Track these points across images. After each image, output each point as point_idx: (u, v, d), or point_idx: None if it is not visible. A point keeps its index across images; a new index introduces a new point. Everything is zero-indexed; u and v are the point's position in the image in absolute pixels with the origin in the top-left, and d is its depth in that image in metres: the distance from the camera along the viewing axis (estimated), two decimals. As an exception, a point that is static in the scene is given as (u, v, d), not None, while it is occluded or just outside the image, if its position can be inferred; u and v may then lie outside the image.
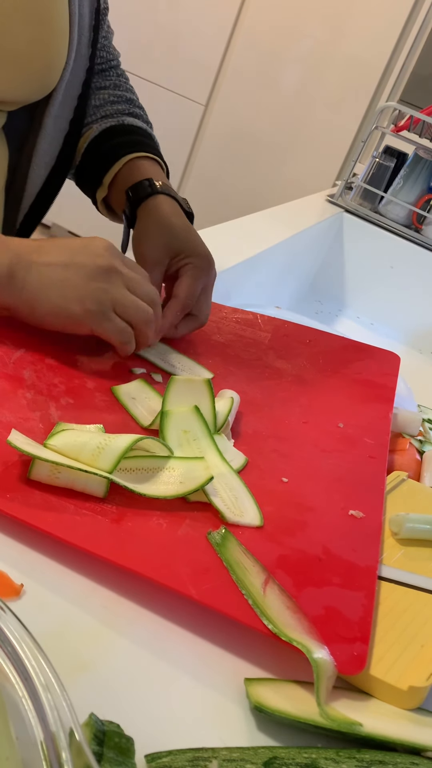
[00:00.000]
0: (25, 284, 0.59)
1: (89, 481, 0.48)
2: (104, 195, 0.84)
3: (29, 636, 0.31)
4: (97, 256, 0.60)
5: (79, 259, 0.60)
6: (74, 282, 0.59)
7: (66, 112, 0.81)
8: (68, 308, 0.59)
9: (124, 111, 0.88)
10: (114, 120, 0.86)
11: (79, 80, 0.81)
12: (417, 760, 0.37)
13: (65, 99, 0.79)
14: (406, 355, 1.33)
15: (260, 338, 0.81)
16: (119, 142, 0.84)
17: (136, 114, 0.89)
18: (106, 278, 0.60)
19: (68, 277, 0.59)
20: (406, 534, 0.54)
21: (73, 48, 0.76)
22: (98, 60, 0.87)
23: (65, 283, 0.59)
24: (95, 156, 0.85)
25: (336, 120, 2.59)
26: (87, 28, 0.79)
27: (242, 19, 2.62)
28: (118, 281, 0.61)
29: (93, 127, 0.86)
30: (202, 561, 0.46)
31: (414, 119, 1.50)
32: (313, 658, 0.40)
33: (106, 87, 0.89)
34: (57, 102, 0.78)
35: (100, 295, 0.60)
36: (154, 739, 0.36)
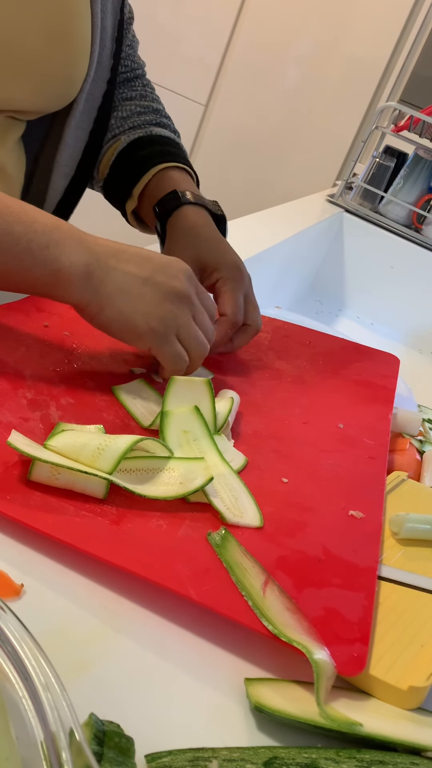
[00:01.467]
0: (100, 286, 0.58)
1: (89, 482, 0.48)
2: (134, 206, 0.85)
3: (29, 636, 0.31)
4: (175, 279, 0.60)
5: (157, 278, 0.60)
6: (147, 298, 0.59)
7: (86, 124, 0.81)
8: (135, 322, 0.59)
9: (152, 122, 0.88)
10: (142, 131, 0.87)
11: (101, 91, 0.81)
12: (417, 760, 0.37)
13: (86, 110, 0.80)
14: (406, 355, 1.34)
15: (260, 339, 0.81)
16: (148, 153, 0.84)
17: (163, 124, 0.90)
18: (177, 303, 0.60)
19: (143, 293, 0.59)
20: (406, 534, 0.54)
21: (95, 60, 0.77)
22: (123, 69, 0.88)
23: (139, 297, 0.59)
24: (124, 167, 0.85)
25: (336, 120, 2.59)
26: (109, 39, 0.80)
27: (242, 19, 2.62)
28: (187, 309, 0.61)
29: (121, 139, 0.86)
30: (202, 562, 0.46)
31: (414, 119, 1.50)
32: (313, 659, 0.40)
33: (133, 98, 0.89)
34: (78, 113, 0.78)
35: (168, 318, 0.60)
36: (154, 739, 0.36)
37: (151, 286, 0.59)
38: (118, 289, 0.58)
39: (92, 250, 0.58)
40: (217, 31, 2.65)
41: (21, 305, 0.69)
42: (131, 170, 0.84)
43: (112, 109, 0.86)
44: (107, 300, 0.58)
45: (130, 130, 0.87)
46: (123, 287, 0.58)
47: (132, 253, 0.60)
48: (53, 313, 0.70)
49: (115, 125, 0.87)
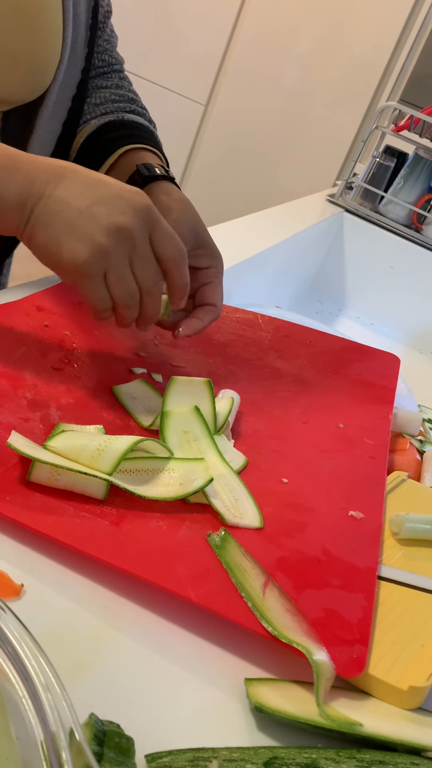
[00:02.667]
0: (32, 214, 0.55)
1: (89, 483, 0.48)
2: None
3: (29, 636, 0.31)
4: (119, 214, 0.55)
5: (97, 210, 0.54)
6: (80, 231, 0.54)
7: (59, 114, 0.79)
8: (60, 254, 0.54)
9: (125, 109, 0.86)
10: (113, 116, 0.84)
11: (75, 81, 0.79)
12: (417, 760, 0.37)
13: (59, 100, 0.78)
14: (406, 355, 1.34)
15: (260, 338, 0.81)
16: (118, 135, 0.81)
17: (138, 112, 0.87)
18: (114, 240, 0.54)
19: (76, 224, 0.54)
20: (406, 534, 0.54)
21: (68, 46, 0.75)
22: (99, 63, 0.86)
23: (69, 228, 0.54)
24: (91, 150, 0.82)
25: (336, 120, 2.59)
26: (83, 26, 0.77)
27: (242, 19, 2.62)
28: (123, 249, 0.55)
29: (91, 123, 0.83)
30: (202, 563, 0.46)
31: (414, 119, 1.50)
32: (313, 659, 0.40)
33: (107, 87, 0.87)
34: (51, 103, 0.76)
35: (97, 255, 0.54)
36: (155, 739, 0.36)
37: (87, 218, 0.54)
38: (50, 216, 0.54)
39: (28, 175, 0.55)
40: (217, 31, 2.65)
41: (21, 305, 0.69)
42: (99, 151, 0.81)
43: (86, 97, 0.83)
44: (39, 227, 0.55)
45: (101, 116, 0.84)
46: (55, 215, 0.54)
47: (77, 179, 0.56)
48: (53, 313, 0.70)
49: (87, 111, 0.84)
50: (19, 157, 0.55)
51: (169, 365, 0.70)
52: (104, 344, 0.69)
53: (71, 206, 0.54)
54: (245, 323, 0.83)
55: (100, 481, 0.48)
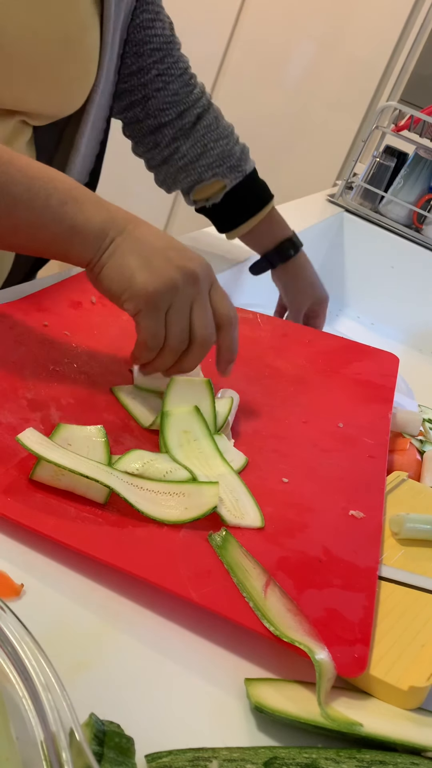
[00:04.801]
0: (113, 246, 0.57)
1: (90, 486, 0.48)
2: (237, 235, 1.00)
3: (29, 636, 0.31)
4: (190, 261, 0.58)
5: (171, 253, 0.58)
6: (155, 265, 0.57)
7: (97, 133, 0.86)
8: (134, 279, 0.56)
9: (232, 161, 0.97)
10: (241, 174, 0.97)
11: (108, 103, 0.87)
12: (417, 760, 0.37)
13: (96, 119, 0.84)
14: (406, 355, 1.34)
15: (260, 338, 0.81)
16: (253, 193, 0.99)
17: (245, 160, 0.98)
18: (183, 280, 0.57)
19: (153, 259, 0.57)
20: (406, 534, 0.54)
21: (103, 72, 0.81)
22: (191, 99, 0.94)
23: (146, 261, 0.57)
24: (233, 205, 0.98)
25: (336, 120, 2.59)
26: (117, 55, 0.84)
27: (242, 19, 2.62)
28: (190, 291, 0.58)
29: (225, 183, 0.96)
30: (203, 563, 0.46)
31: (414, 119, 1.50)
32: (315, 659, 0.40)
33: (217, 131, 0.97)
34: (89, 121, 0.82)
35: (167, 289, 0.56)
36: (155, 739, 0.36)
37: (162, 257, 0.57)
38: (128, 249, 0.57)
39: (111, 212, 0.58)
40: (217, 31, 2.65)
41: (21, 305, 0.69)
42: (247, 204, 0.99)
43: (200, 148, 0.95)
44: (114, 257, 0.57)
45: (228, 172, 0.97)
46: (134, 249, 0.57)
47: (152, 228, 0.60)
48: (53, 313, 0.70)
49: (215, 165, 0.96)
50: (102, 199, 0.59)
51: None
52: (104, 344, 0.69)
53: (148, 244, 0.58)
54: (245, 323, 0.83)
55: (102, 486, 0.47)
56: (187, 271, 0.57)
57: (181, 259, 0.58)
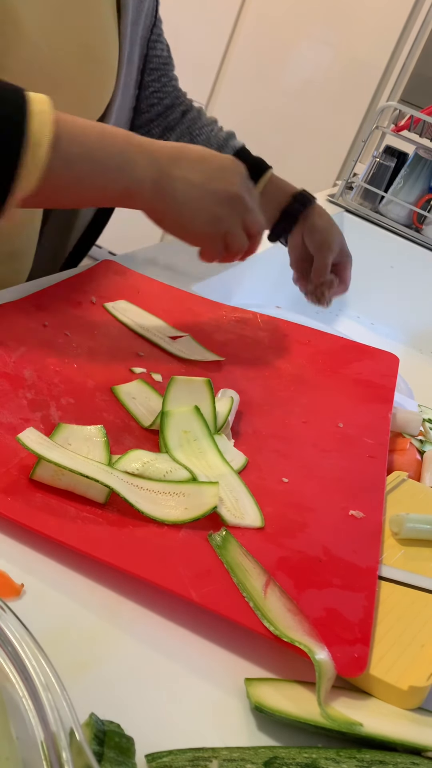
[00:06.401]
0: (165, 195, 0.65)
1: (91, 486, 0.48)
2: None
3: (29, 636, 0.31)
4: (230, 184, 0.68)
5: (214, 185, 0.67)
6: (204, 204, 0.67)
7: None
8: (194, 226, 0.68)
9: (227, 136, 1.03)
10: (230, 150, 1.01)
11: (127, 117, 0.89)
12: (417, 760, 0.37)
13: None
14: (406, 355, 1.34)
15: (260, 338, 0.81)
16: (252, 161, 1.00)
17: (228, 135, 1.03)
18: (230, 206, 0.68)
19: (201, 198, 0.67)
20: (406, 534, 0.54)
21: (120, 84, 0.83)
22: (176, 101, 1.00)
23: (197, 204, 0.67)
24: None
25: (336, 120, 2.59)
26: (136, 70, 0.87)
27: (242, 19, 2.62)
28: (237, 212, 0.69)
29: None
30: (203, 563, 0.46)
31: (414, 119, 1.50)
32: (315, 659, 0.40)
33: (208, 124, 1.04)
34: None
35: (222, 222, 0.69)
36: (155, 739, 0.36)
37: (208, 193, 0.67)
38: (180, 196, 0.66)
39: (158, 162, 0.65)
40: (217, 31, 2.65)
41: (21, 305, 0.69)
42: None
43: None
44: (171, 206, 0.66)
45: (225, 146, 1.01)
46: (185, 194, 0.66)
47: (192, 158, 0.67)
48: (53, 313, 0.70)
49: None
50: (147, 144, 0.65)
51: (169, 365, 0.70)
52: (104, 344, 0.69)
53: (195, 185, 0.66)
54: (245, 323, 0.83)
55: (103, 485, 0.48)
56: (232, 197, 0.68)
57: (224, 186, 0.68)
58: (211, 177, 0.67)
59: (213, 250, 0.71)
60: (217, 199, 0.67)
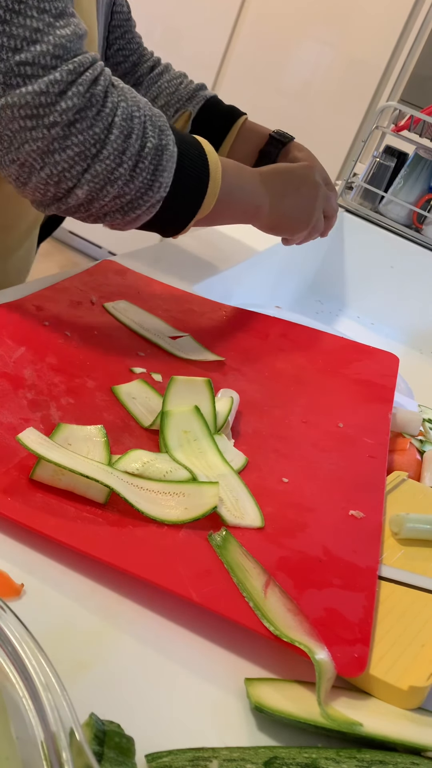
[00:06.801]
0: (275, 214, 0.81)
1: (91, 486, 0.48)
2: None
3: (29, 636, 0.31)
4: (313, 188, 0.85)
5: (303, 191, 0.84)
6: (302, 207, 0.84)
7: None
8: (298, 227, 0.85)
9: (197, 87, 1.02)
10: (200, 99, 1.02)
11: None
12: (417, 760, 0.37)
13: None
14: (406, 355, 1.34)
15: (260, 338, 0.81)
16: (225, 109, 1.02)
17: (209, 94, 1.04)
18: (316, 200, 0.85)
19: (299, 205, 0.84)
20: (406, 534, 0.54)
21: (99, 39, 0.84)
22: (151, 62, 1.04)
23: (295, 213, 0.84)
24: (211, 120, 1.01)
25: (336, 120, 2.59)
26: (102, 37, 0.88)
27: (242, 19, 2.62)
28: (320, 206, 0.86)
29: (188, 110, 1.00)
30: (203, 563, 0.46)
31: (414, 119, 1.50)
32: (315, 659, 0.40)
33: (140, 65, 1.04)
34: None
35: (312, 218, 0.85)
36: (155, 738, 0.36)
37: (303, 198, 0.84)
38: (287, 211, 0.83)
39: (269, 190, 0.80)
40: (217, 31, 2.65)
41: (21, 305, 0.69)
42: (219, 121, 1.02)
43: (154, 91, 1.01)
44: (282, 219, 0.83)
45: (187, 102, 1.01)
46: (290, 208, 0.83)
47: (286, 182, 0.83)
48: (53, 313, 0.70)
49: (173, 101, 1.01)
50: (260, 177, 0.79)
51: (169, 364, 0.70)
52: (104, 344, 0.69)
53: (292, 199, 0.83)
54: (245, 323, 0.83)
55: (103, 485, 0.48)
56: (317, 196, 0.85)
57: (308, 189, 0.84)
58: (299, 186, 0.83)
59: (314, 231, 0.88)
60: (309, 201, 0.84)
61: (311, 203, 0.85)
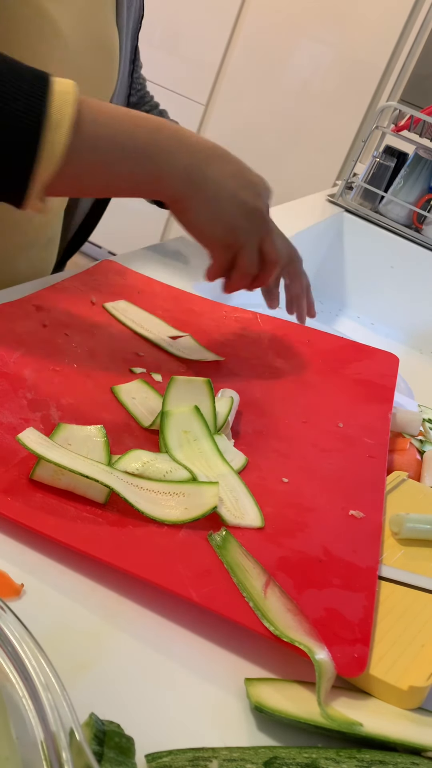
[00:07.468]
0: (195, 188, 0.63)
1: (91, 486, 0.48)
2: None
3: (29, 636, 0.31)
4: (258, 199, 0.67)
5: (243, 195, 0.66)
6: (230, 212, 0.65)
7: None
8: (213, 231, 0.66)
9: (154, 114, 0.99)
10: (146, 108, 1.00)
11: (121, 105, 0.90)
12: (417, 760, 0.37)
13: None
14: (406, 355, 1.34)
15: (260, 337, 0.81)
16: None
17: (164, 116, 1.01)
18: (252, 222, 0.67)
19: (227, 206, 0.65)
20: (406, 534, 0.54)
21: (120, 76, 0.84)
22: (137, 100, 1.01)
23: (223, 210, 0.65)
24: None
25: (336, 120, 2.59)
26: (128, 60, 0.88)
27: (242, 19, 2.62)
28: (257, 229, 0.68)
29: None
30: (203, 563, 0.46)
31: (414, 119, 1.50)
32: (315, 659, 0.40)
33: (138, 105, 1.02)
34: None
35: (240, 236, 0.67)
36: (155, 738, 0.36)
37: (236, 202, 0.65)
38: (209, 197, 0.64)
39: (194, 154, 0.63)
40: (217, 31, 2.65)
41: (21, 305, 0.69)
42: None
43: None
44: (198, 204, 0.64)
45: None
46: (213, 196, 0.64)
47: (226, 163, 0.66)
48: (53, 313, 0.70)
49: None
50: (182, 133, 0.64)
51: (169, 364, 0.70)
52: (104, 344, 0.69)
53: (226, 190, 0.65)
54: (245, 323, 0.83)
55: (103, 485, 0.48)
56: (255, 213, 0.67)
57: (252, 198, 0.66)
58: (242, 186, 0.66)
59: (221, 263, 0.69)
60: (242, 210, 0.66)
61: (250, 213, 0.66)
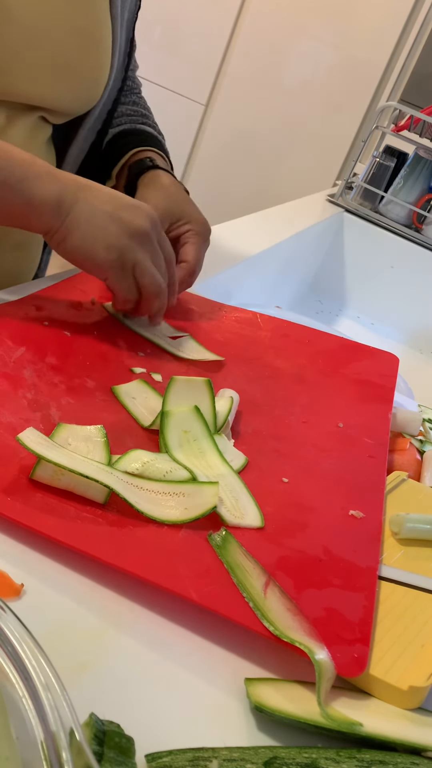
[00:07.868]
0: (68, 215, 0.62)
1: (90, 486, 0.48)
2: (112, 185, 0.90)
3: (29, 636, 0.31)
4: (139, 218, 0.65)
5: (122, 214, 0.64)
6: (110, 230, 0.63)
7: (98, 125, 0.87)
8: (95, 251, 0.64)
9: (138, 121, 0.95)
10: (128, 126, 0.92)
11: (113, 97, 0.87)
12: (417, 760, 0.37)
13: (101, 114, 0.85)
14: (406, 355, 1.34)
15: (260, 337, 0.81)
16: (129, 141, 0.90)
17: (148, 125, 0.95)
18: (138, 240, 0.65)
19: (107, 225, 0.63)
20: (406, 534, 0.54)
21: (114, 67, 0.82)
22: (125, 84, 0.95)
23: (102, 229, 0.63)
24: (109, 151, 0.91)
25: (336, 120, 2.59)
26: (123, 53, 0.86)
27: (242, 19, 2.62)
28: (146, 248, 0.66)
29: (108, 132, 0.92)
30: (203, 563, 0.46)
31: (414, 119, 1.50)
32: (315, 659, 0.40)
33: (126, 103, 0.96)
34: (94, 116, 0.83)
35: (127, 252, 0.64)
36: (155, 738, 0.36)
37: (115, 221, 0.64)
38: (84, 219, 0.63)
39: (64, 182, 0.63)
40: (217, 31, 2.65)
41: (21, 305, 0.69)
42: (113, 153, 0.90)
43: None
44: (73, 228, 0.63)
45: (116, 126, 0.93)
46: (89, 218, 0.63)
47: (101, 190, 0.65)
48: (53, 313, 0.70)
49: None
50: (55, 170, 0.64)
51: (169, 364, 0.70)
52: (104, 344, 0.69)
53: (103, 210, 0.64)
54: (245, 323, 0.83)
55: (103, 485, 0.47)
56: (140, 232, 0.65)
57: (133, 218, 0.64)
58: (120, 206, 0.64)
59: (121, 287, 0.66)
60: (124, 230, 0.64)
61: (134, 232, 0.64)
